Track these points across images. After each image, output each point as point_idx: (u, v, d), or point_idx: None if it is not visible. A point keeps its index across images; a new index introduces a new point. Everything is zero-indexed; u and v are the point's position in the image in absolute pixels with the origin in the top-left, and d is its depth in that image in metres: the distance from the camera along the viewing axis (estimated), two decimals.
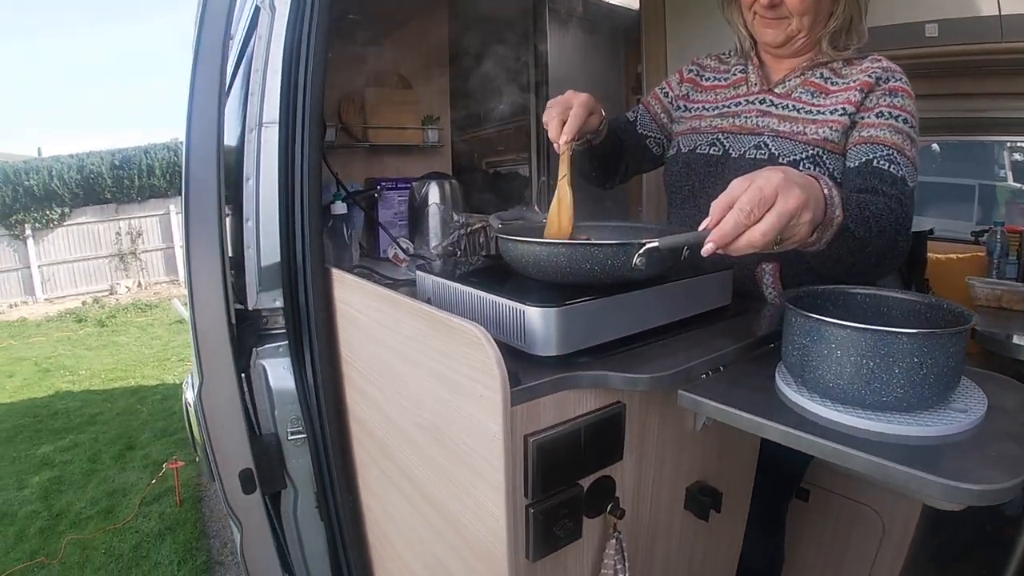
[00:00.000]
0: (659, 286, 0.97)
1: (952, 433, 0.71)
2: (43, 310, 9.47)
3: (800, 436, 0.70)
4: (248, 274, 1.44)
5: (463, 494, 0.83)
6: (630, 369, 0.82)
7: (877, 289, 0.90)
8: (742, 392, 0.82)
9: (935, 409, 0.75)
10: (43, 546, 2.90)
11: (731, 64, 1.42)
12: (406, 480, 1.02)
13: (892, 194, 1.08)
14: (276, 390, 1.43)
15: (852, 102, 1.18)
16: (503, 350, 0.79)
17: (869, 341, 0.71)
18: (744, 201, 0.74)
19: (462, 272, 1.15)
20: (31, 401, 5.23)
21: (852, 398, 0.74)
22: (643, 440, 0.93)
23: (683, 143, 1.39)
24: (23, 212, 9.97)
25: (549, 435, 0.78)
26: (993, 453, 0.66)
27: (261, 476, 1.41)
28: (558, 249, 0.93)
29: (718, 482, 1.08)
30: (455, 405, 0.80)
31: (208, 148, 1.28)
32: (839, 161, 1.19)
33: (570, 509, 0.83)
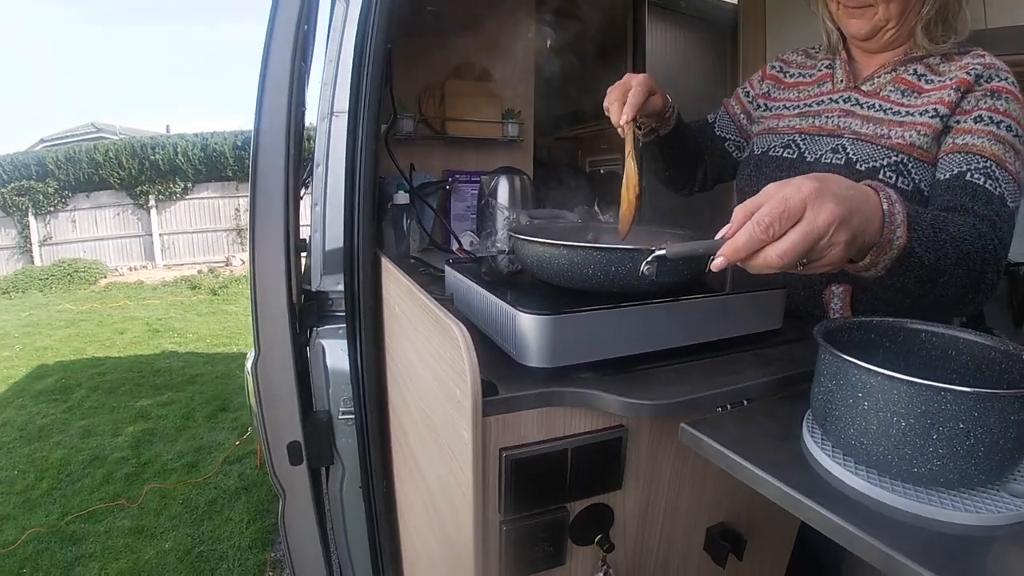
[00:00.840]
0: (679, 301, 0.87)
1: (997, 524, 0.55)
2: (160, 275, 10.15)
3: (798, 499, 0.58)
4: (314, 256, 1.49)
5: (449, 498, 0.82)
6: (632, 392, 0.74)
7: (947, 328, 0.73)
8: (757, 435, 0.70)
9: (984, 489, 0.59)
10: (126, 490, 3.13)
11: (818, 59, 1.30)
12: (419, 475, 1.02)
13: (984, 215, 0.93)
14: (332, 369, 1.48)
15: (946, 103, 1.03)
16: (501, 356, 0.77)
17: (902, 395, 0.56)
18: (764, 212, 0.62)
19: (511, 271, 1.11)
20: (137, 358, 5.62)
21: (878, 462, 0.60)
22: (654, 470, 0.86)
23: (757, 145, 1.29)
24: (148, 184, 10.76)
25: (529, 452, 0.74)
26: None
27: (309, 450, 1.47)
28: (558, 251, 0.85)
29: (746, 527, 0.99)
30: (446, 408, 0.78)
31: (276, 132, 1.33)
32: (928, 171, 1.05)
33: (551, 533, 0.78)
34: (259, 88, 1.32)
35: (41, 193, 10.42)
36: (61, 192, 10.57)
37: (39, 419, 4.12)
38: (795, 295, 1.15)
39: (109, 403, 4.37)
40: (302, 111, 1.60)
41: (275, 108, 1.32)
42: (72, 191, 10.66)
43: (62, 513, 2.92)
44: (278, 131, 1.33)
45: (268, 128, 1.33)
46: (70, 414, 4.19)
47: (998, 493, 0.59)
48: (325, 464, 1.53)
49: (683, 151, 1.40)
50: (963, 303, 0.90)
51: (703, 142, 1.45)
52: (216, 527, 2.78)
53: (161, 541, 2.68)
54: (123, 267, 10.69)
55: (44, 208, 10.49)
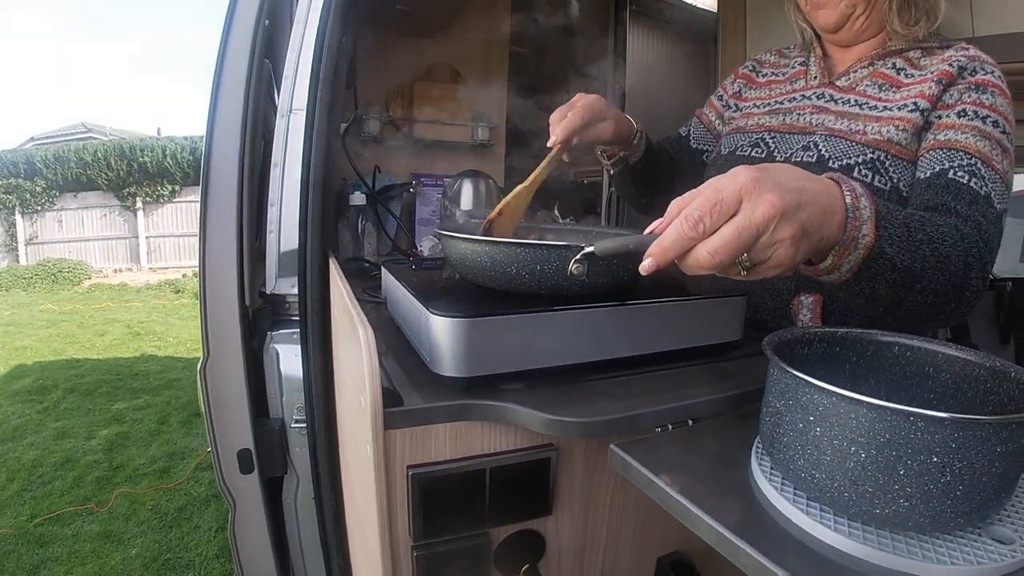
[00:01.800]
0: (623, 306, 0.78)
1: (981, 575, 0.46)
2: (145, 278, 10.11)
3: (733, 543, 0.48)
4: (269, 259, 1.44)
5: (368, 518, 0.74)
6: (562, 408, 0.65)
7: (924, 340, 0.64)
8: (698, 461, 0.62)
9: (963, 534, 0.50)
10: (96, 494, 3.08)
11: (792, 57, 1.25)
12: (351, 491, 0.97)
13: (968, 215, 0.87)
14: (286, 375, 1.42)
15: (927, 96, 0.97)
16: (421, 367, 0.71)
17: (861, 420, 0.47)
18: (694, 206, 0.55)
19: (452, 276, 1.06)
20: (116, 360, 5.57)
21: (832, 500, 0.51)
22: (591, 493, 0.78)
23: (724, 145, 1.24)
24: (136, 186, 10.72)
25: (441, 471, 0.67)
26: None
27: (260, 458, 1.41)
28: (480, 247, 0.77)
29: (700, 557, 0.90)
30: (357, 419, 0.71)
31: (230, 131, 1.30)
32: (908, 169, 0.99)
33: (471, 560, 0.71)
34: (213, 86, 1.29)
35: (29, 192, 10.37)
36: (49, 191, 10.53)
37: (13, 419, 4.07)
38: (761, 304, 1.10)
39: (85, 405, 4.33)
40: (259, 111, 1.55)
41: (229, 106, 1.29)
42: (60, 191, 10.62)
43: (31, 515, 2.88)
44: (232, 129, 1.29)
45: (221, 125, 1.29)
46: (45, 415, 4.14)
47: (980, 539, 0.50)
48: (277, 473, 1.47)
49: (657, 176, 1.33)
50: (945, 313, 0.83)
51: (679, 159, 1.38)
52: (184, 535, 2.74)
53: (128, 547, 2.64)
54: (108, 268, 10.64)
55: (31, 207, 10.44)
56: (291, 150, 1.38)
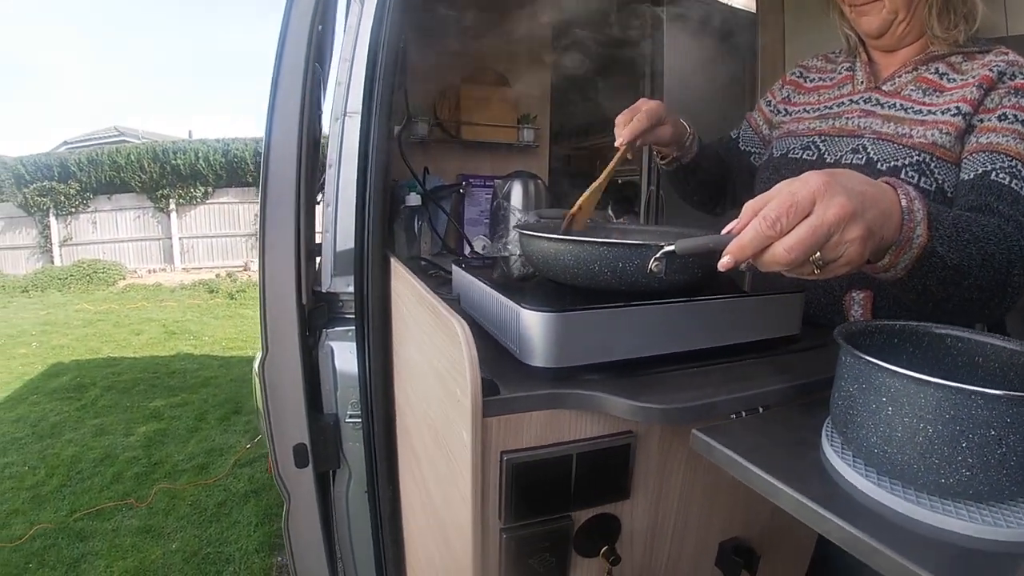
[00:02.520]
0: (692, 302, 0.82)
1: None
2: (179, 278, 10.26)
3: (815, 510, 0.53)
4: (324, 258, 1.48)
5: (449, 503, 0.79)
6: (642, 396, 0.69)
7: (973, 333, 0.68)
8: (773, 443, 0.66)
9: (1015, 502, 0.55)
10: (135, 489, 3.13)
11: (839, 63, 1.29)
12: (422, 480, 0.99)
13: (1010, 215, 0.90)
14: (340, 372, 1.46)
15: (969, 100, 1.00)
16: (504, 355, 0.74)
17: (930, 399, 0.52)
18: (771, 208, 0.59)
19: (524, 273, 1.09)
20: (153, 359, 5.66)
21: (902, 472, 0.55)
22: (663, 480, 0.82)
23: (776, 148, 1.27)
24: (169, 188, 10.91)
25: (532, 456, 0.70)
26: None
27: (315, 453, 1.45)
28: (564, 246, 0.82)
29: (760, 542, 0.94)
30: (446, 407, 0.75)
31: (288, 133, 1.32)
32: (952, 171, 1.02)
33: (554, 542, 0.75)
34: (271, 90, 1.31)
35: (63, 194, 10.57)
36: (82, 194, 10.72)
37: (52, 416, 4.15)
38: (814, 300, 1.13)
39: (123, 403, 4.40)
40: (317, 114, 1.59)
41: (288, 110, 1.32)
42: (93, 193, 10.81)
43: (71, 510, 2.93)
44: (290, 132, 1.32)
45: (280, 129, 1.32)
46: (83, 412, 4.22)
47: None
48: (331, 468, 1.51)
49: (708, 175, 1.38)
50: (989, 308, 0.86)
51: (729, 160, 1.43)
52: (224, 529, 2.78)
53: (168, 541, 2.68)
54: (142, 269, 10.81)
55: (65, 209, 10.63)
56: (346, 151, 1.41)
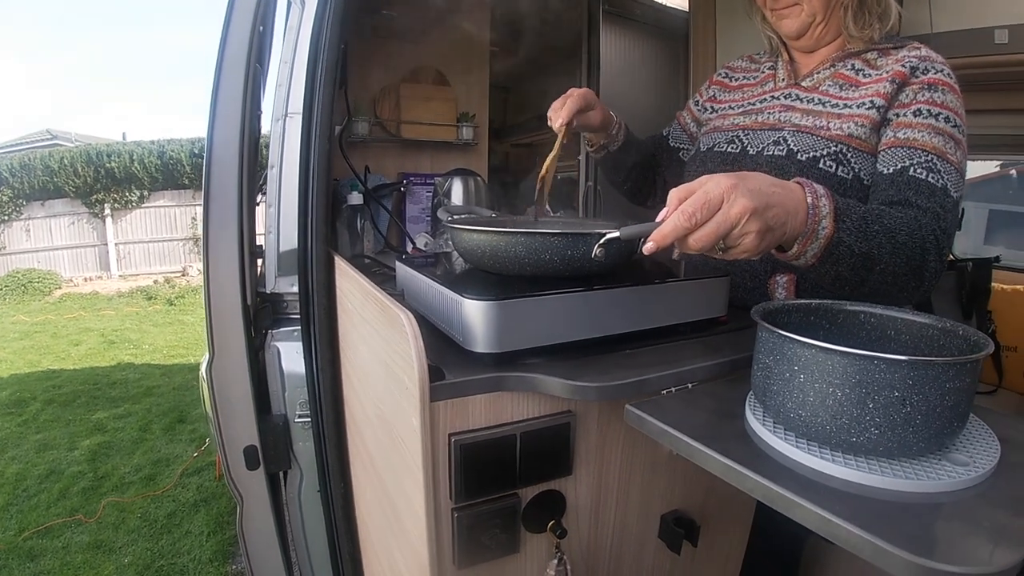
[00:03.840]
0: (626, 288, 0.88)
1: (941, 491, 0.57)
2: (116, 286, 9.94)
3: (739, 471, 0.59)
4: (268, 258, 1.48)
5: (403, 490, 0.81)
6: (578, 376, 0.75)
7: (883, 308, 0.77)
8: (701, 415, 0.73)
9: (925, 458, 0.61)
10: (83, 505, 3.05)
11: (762, 63, 1.36)
12: (375, 473, 1.02)
13: (928, 207, 0.98)
14: (287, 372, 1.46)
15: (882, 94, 1.07)
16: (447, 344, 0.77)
17: (836, 365, 0.58)
18: (688, 203, 0.70)
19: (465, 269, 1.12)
20: (93, 370, 5.49)
21: (817, 434, 0.62)
22: (603, 456, 0.87)
23: (703, 142, 1.34)
24: (103, 192, 10.48)
25: (477, 437, 0.74)
26: (987, 523, 0.52)
27: (266, 454, 1.45)
28: (516, 238, 0.86)
29: (700, 514, 1.00)
30: (395, 397, 0.78)
31: (231, 134, 1.32)
32: (868, 160, 1.09)
33: (503, 519, 0.79)
34: (213, 90, 1.31)
35: None
36: (15, 200, 10.27)
37: None
38: (741, 284, 1.19)
39: (65, 416, 4.27)
40: (258, 114, 1.59)
41: (230, 111, 1.32)
42: (26, 199, 10.37)
43: (19, 529, 2.84)
44: (232, 133, 1.32)
45: (222, 130, 1.32)
46: (25, 428, 4.08)
47: (940, 462, 0.61)
48: (282, 468, 1.51)
49: (635, 163, 1.47)
50: (906, 291, 0.95)
51: (659, 154, 1.51)
52: (176, 540, 2.73)
53: (120, 556, 2.62)
54: (78, 277, 10.43)
55: None
56: (288, 152, 1.42)
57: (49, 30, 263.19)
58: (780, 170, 1.13)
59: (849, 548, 0.50)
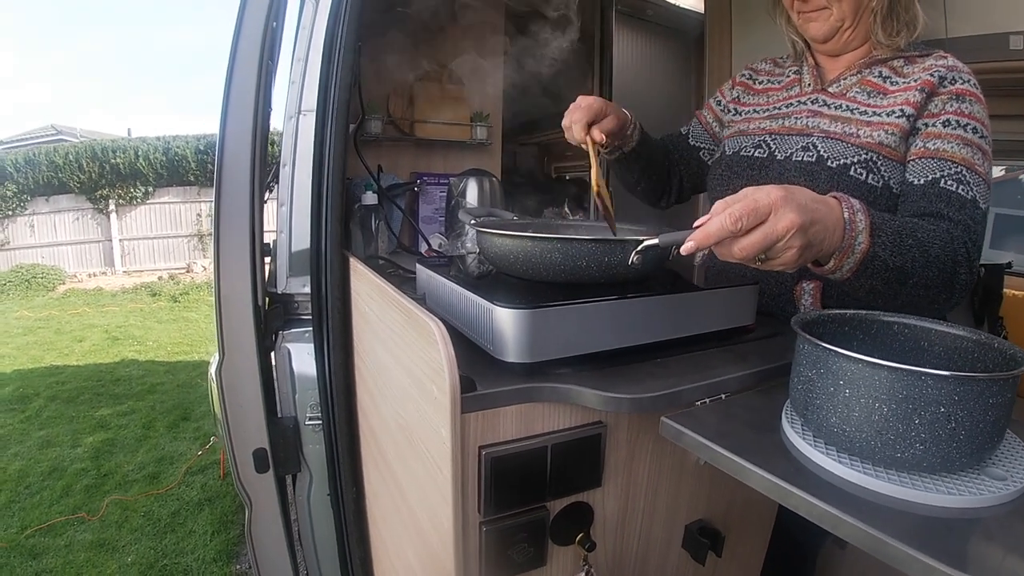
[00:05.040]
0: (661, 296, 0.88)
1: (982, 506, 0.56)
2: (120, 282, 9.88)
3: (784, 487, 0.58)
4: (279, 258, 1.46)
5: (426, 501, 0.79)
6: (611, 387, 0.73)
7: (918, 319, 0.76)
8: (737, 427, 0.71)
9: (965, 472, 0.60)
10: (86, 503, 3.02)
11: (786, 67, 1.34)
12: (392, 479, 0.99)
13: (959, 220, 0.98)
14: (298, 374, 1.44)
15: (912, 103, 1.07)
16: (475, 353, 0.75)
17: (883, 381, 0.57)
18: (736, 208, 0.69)
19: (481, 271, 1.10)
20: (97, 366, 5.45)
21: (860, 449, 0.61)
22: (632, 467, 0.85)
23: (728, 146, 1.32)
24: (108, 188, 10.43)
25: (508, 449, 0.72)
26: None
27: (276, 457, 1.43)
28: (553, 245, 0.85)
29: (724, 523, 0.99)
30: (420, 405, 0.76)
31: (243, 131, 1.30)
32: (897, 168, 1.08)
33: (531, 533, 0.77)
34: (225, 87, 1.28)
35: None
36: (19, 196, 10.25)
37: None
38: (767, 291, 1.18)
39: (68, 413, 4.24)
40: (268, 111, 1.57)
41: (242, 107, 1.29)
42: (31, 195, 10.35)
43: (21, 527, 2.81)
44: (244, 130, 1.30)
45: (234, 127, 1.29)
46: (28, 424, 4.06)
47: (979, 476, 0.60)
48: (292, 472, 1.49)
49: (651, 164, 1.43)
50: (937, 303, 0.96)
51: (677, 153, 1.48)
52: (179, 540, 2.70)
53: (123, 555, 2.59)
54: (82, 273, 10.39)
55: (2, 212, 10.16)
56: (301, 150, 1.40)
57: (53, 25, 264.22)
58: (810, 176, 1.12)
59: (896, 565, 0.50)
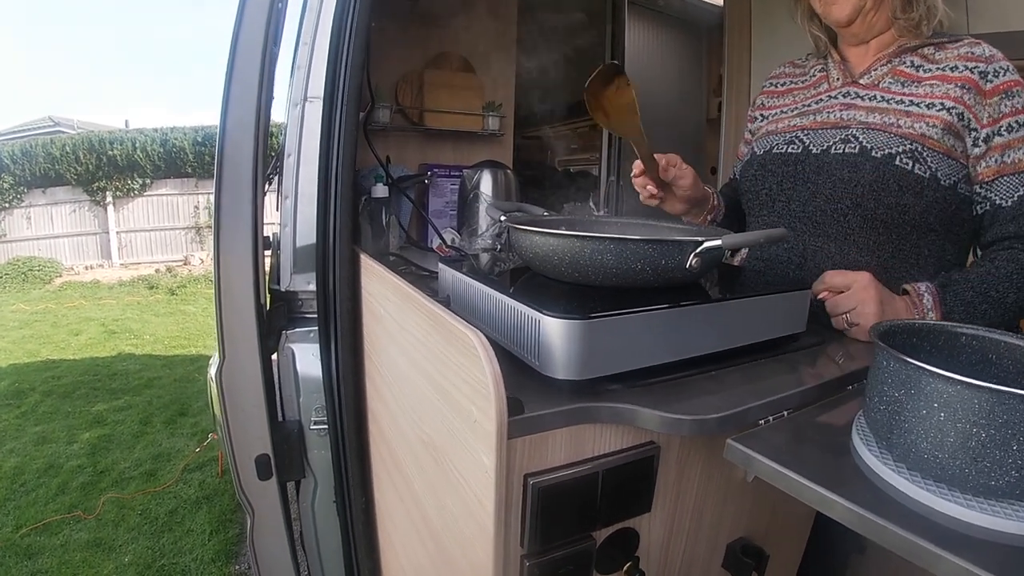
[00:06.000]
0: (717, 303, 0.80)
1: None
2: (117, 274, 9.84)
3: (874, 521, 0.53)
4: (283, 254, 1.38)
5: (455, 527, 0.71)
6: (669, 405, 0.66)
7: (987, 331, 0.71)
8: (808, 449, 0.65)
9: None
10: (82, 500, 2.97)
11: (809, 66, 1.30)
12: (409, 495, 0.92)
13: None
14: (303, 376, 1.37)
15: (954, 98, 1.04)
16: (515, 366, 0.67)
17: (984, 404, 0.52)
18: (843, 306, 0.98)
19: (499, 270, 1.02)
20: (93, 360, 5.40)
21: (952, 476, 0.55)
22: (680, 488, 0.78)
23: (759, 146, 1.28)
24: (105, 180, 10.36)
25: (558, 478, 0.64)
26: None
27: (279, 463, 1.36)
28: (604, 245, 0.76)
29: (765, 541, 0.92)
30: (453, 426, 0.68)
31: (245, 122, 1.22)
32: (943, 160, 1.05)
33: (576, 566, 0.69)
34: (227, 73, 1.20)
35: None
36: (16, 188, 10.17)
37: None
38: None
39: (64, 408, 4.19)
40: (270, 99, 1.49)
41: (245, 94, 1.21)
42: (28, 187, 10.27)
43: (16, 525, 2.76)
44: (247, 120, 1.22)
45: (236, 115, 1.21)
46: (24, 420, 4.00)
47: None
48: (296, 478, 1.42)
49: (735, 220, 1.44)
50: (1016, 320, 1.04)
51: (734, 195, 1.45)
52: (177, 539, 2.65)
53: (120, 554, 2.54)
54: (79, 266, 10.34)
55: None
56: (306, 140, 1.32)
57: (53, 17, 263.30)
58: (853, 167, 1.08)
59: None
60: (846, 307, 0.97)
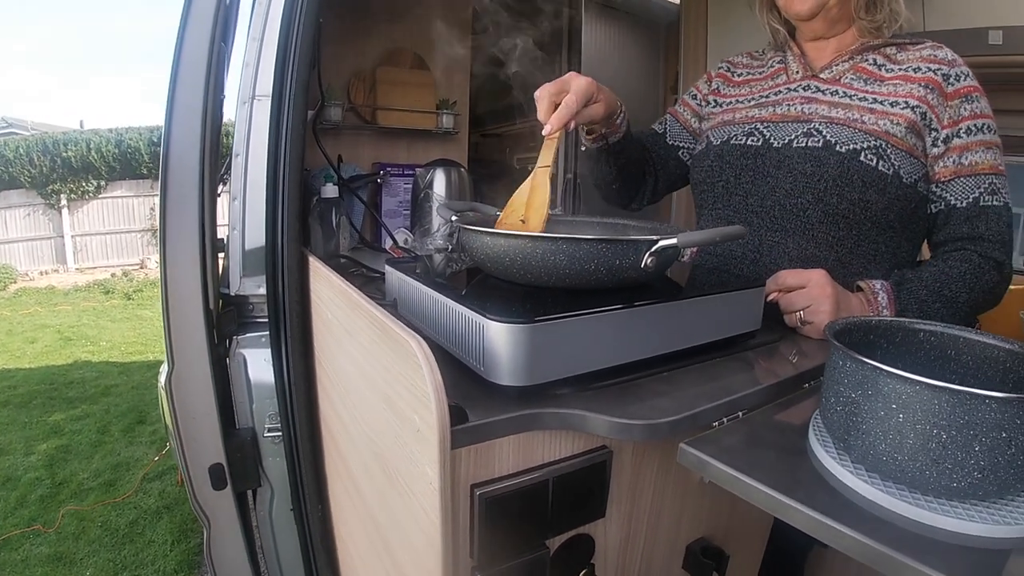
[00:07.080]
0: (670, 303, 0.77)
1: None
2: (72, 279, 9.59)
3: (836, 529, 0.51)
4: (232, 257, 1.34)
5: (406, 540, 0.68)
6: (620, 410, 0.64)
7: (945, 327, 0.70)
8: (763, 452, 0.63)
9: (1012, 498, 0.55)
10: (41, 514, 2.90)
11: (766, 58, 1.30)
12: (363, 505, 0.88)
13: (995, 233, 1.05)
14: (255, 382, 1.33)
15: (920, 99, 1.05)
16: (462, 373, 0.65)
17: (945, 405, 0.51)
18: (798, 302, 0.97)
19: (452, 271, 0.99)
20: (49, 368, 5.27)
21: (912, 478, 0.54)
22: (636, 491, 0.76)
23: (714, 136, 1.25)
24: (59, 182, 10.10)
25: (506, 487, 0.62)
26: None
27: (233, 472, 1.32)
28: (558, 246, 0.74)
29: (725, 541, 0.91)
30: (399, 435, 0.64)
31: (191, 118, 1.18)
32: (906, 158, 1.06)
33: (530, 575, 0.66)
34: (172, 70, 1.16)
35: None
36: None
37: None
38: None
39: (20, 418, 4.06)
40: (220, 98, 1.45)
41: (190, 92, 1.17)
42: None
43: None
44: (193, 116, 1.18)
45: (181, 112, 1.17)
46: None
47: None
48: (251, 487, 1.38)
49: (632, 159, 1.34)
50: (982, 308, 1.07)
51: (654, 152, 1.41)
52: (139, 550, 2.60)
53: (82, 568, 2.49)
54: (34, 271, 10.05)
55: None
56: (255, 139, 1.28)
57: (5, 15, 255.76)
58: (817, 162, 1.07)
59: None
60: (800, 305, 0.97)
